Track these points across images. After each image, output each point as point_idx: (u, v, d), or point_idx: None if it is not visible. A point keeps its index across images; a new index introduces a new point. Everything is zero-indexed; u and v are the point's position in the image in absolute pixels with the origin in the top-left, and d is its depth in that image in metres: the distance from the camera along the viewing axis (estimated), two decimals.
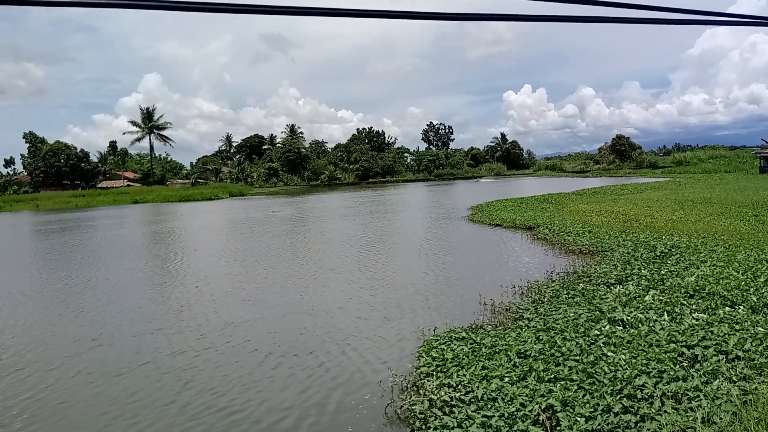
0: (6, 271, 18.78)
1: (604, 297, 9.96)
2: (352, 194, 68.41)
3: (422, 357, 7.80)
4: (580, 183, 65.25)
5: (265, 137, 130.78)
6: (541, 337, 7.89)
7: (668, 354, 6.66)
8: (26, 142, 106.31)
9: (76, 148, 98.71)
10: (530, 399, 5.91)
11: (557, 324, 8.53)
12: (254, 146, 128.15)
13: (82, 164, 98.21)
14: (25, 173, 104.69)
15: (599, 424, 5.24)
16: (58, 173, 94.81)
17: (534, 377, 6.47)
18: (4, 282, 16.59)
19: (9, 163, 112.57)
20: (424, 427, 5.86)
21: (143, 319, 11.51)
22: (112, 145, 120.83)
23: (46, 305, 13.17)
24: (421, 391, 6.75)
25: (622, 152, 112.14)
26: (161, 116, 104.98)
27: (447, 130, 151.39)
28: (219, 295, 13.39)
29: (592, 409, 5.52)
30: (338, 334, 9.89)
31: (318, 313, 11.35)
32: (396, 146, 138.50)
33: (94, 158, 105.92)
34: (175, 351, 9.29)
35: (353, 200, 54.11)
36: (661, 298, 9.41)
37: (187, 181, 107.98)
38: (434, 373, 7.14)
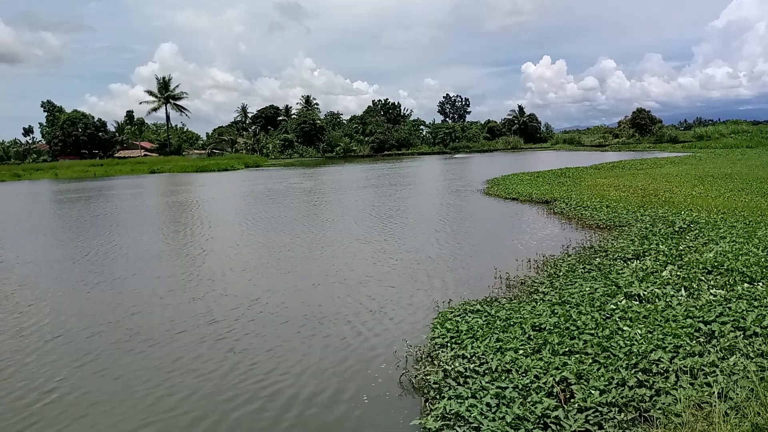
0: (39, 239, 19.12)
1: (620, 272, 9.91)
2: (368, 166, 68.26)
3: (437, 329, 7.85)
4: (598, 157, 64.42)
5: (281, 108, 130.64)
6: (556, 311, 7.89)
7: (685, 329, 6.63)
8: (44, 111, 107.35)
9: (93, 118, 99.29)
10: (544, 371, 5.95)
11: (573, 298, 8.52)
12: (269, 117, 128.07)
13: (100, 134, 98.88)
14: (44, 142, 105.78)
15: (613, 397, 5.26)
16: (76, 142, 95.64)
17: (548, 350, 6.49)
18: (39, 249, 16.91)
19: (28, 131, 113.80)
20: (438, 396, 5.92)
21: (177, 288, 11.66)
22: (129, 114, 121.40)
23: (82, 273, 13.38)
24: (435, 362, 6.81)
25: (642, 126, 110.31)
26: (177, 86, 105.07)
27: (464, 103, 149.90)
28: (250, 265, 13.56)
29: (607, 383, 5.53)
30: (352, 305, 9.98)
31: (334, 284, 11.45)
32: (411, 118, 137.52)
33: (111, 128, 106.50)
34: (211, 320, 9.40)
35: (369, 173, 54.03)
36: (678, 273, 9.34)
37: (203, 151, 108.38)
38: (449, 344, 7.19)
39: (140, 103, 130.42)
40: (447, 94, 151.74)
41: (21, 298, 11.23)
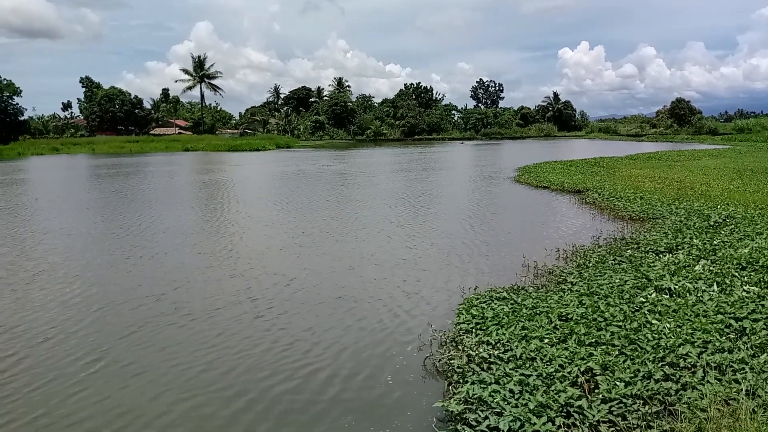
0: (82, 213, 19.73)
1: (652, 265, 9.77)
2: (398, 150, 68.22)
3: (462, 314, 7.89)
4: (634, 147, 63.10)
5: (313, 90, 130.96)
6: (583, 302, 7.85)
7: (715, 325, 6.54)
8: (82, 87, 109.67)
9: (130, 95, 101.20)
10: (569, 361, 5.94)
11: (601, 289, 8.45)
12: (301, 98, 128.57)
13: (136, 110, 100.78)
14: (82, 117, 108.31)
15: (638, 390, 5.24)
16: (113, 118, 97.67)
17: (574, 340, 6.48)
18: (82, 223, 17.49)
19: (66, 106, 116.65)
20: (461, 381, 5.98)
21: (217, 264, 11.91)
22: (165, 92, 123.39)
23: (125, 247, 13.76)
24: (459, 347, 6.86)
25: (680, 116, 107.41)
26: (212, 65, 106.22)
27: (497, 88, 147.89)
28: (286, 244, 13.82)
29: (632, 375, 5.51)
30: (383, 288, 10.08)
31: (361, 266, 11.56)
32: (443, 103, 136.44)
33: (147, 105, 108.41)
34: (250, 297, 9.60)
35: (399, 157, 54.03)
36: (711, 268, 9.16)
37: (235, 131, 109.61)
38: (473, 330, 7.23)
39: (176, 81, 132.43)
40: (480, 79, 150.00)
41: (68, 269, 11.63)
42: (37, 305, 9.24)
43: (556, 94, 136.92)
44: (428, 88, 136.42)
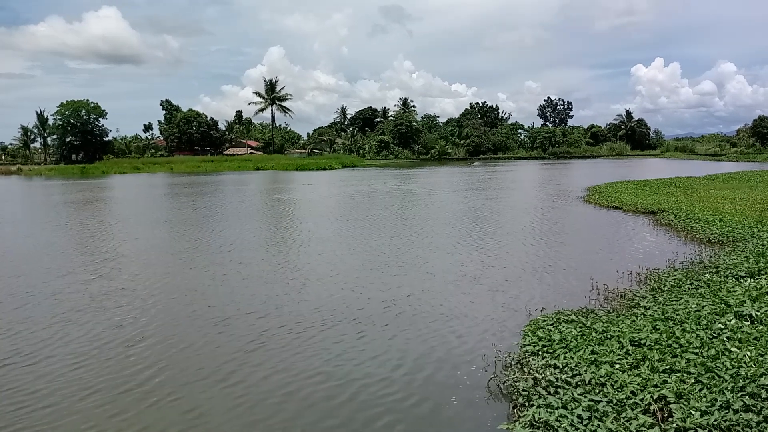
0: (173, 228, 20.89)
1: (731, 290, 9.27)
2: (463, 170, 67.92)
3: (528, 336, 7.77)
4: (713, 167, 60.05)
5: (378, 110, 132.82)
6: (658, 327, 7.55)
7: None
8: (163, 109, 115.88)
9: (206, 117, 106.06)
10: (642, 388, 5.74)
11: (677, 314, 8.11)
12: (367, 119, 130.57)
13: (212, 132, 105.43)
14: (161, 138, 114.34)
15: (715, 420, 4.99)
16: (190, 139, 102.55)
17: (647, 366, 6.25)
18: (175, 235, 18.51)
19: (148, 128, 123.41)
20: (527, 404, 5.89)
21: (298, 285, 12.19)
22: (238, 114, 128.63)
23: (213, 261, 14.54)
24: (525, 369, 6.76)
25: (763, 135, 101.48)
26: (283, 88, 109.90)
27: (566, 106, 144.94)
28: (362, 261, 14.15)
29: (709, 404, 5.26)
30: (445, 304, 10.07)
31: (428, 283, 11.59)
32: (510, 122, 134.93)
33: (221, 126, 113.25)
34: (319, 312, 9.92)
35: (466, 176, 53.85)
36: None
37: (303, 150, 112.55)
38: (540, 352, 7.10)
39: (248, 103, 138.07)
40: (548, 97, 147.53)
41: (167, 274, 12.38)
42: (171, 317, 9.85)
43: (628, 112, 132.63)
44: (494, 107, 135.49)
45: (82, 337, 8.69)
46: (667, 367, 6.19)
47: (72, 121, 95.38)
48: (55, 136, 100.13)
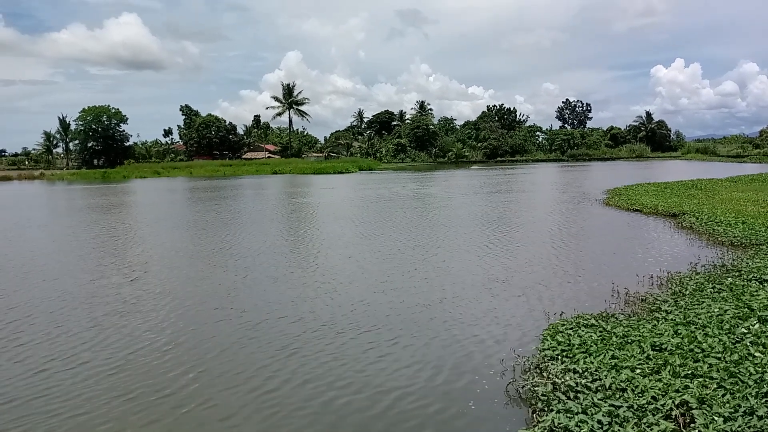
0: (202, 232, 21.15)
1: (755, 294, 9.11)
2: (480, 173, 67.67)
3: (547, 340, 7.71)
4: (735, 169, 59.07)
5: (395, 113, 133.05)
6: (679, 331, 7.45)
7: None
8: (182, 114, 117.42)
9: (225, 121, 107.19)
10: (663, 393, 5.67)
11: (699, 319, 7.99)
12: (384, 122, 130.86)
13: (230, 136, 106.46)
14: (181, 143, 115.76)
15: (739, 426, 4.91)
16: (209, 144, 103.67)
17: (669, 371, 6.17)
18: (211, 241, 18.75)
19: (167, 133, 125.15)
20: (546, 409, 5.85)
21: (326, 287, 12.19)
22: (256, 119, 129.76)
23: (239, 263, 14.68)
24: (544, 374, 6.71)
25: None
26: (300, 92, 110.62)
27: (584, 108, 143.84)
28: (378, 260, 14.16)
29: (733, 410, 5.17)
30: (462, 309, 10.03)
31: (445, 287, 11.56)
32: (527, 124, 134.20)
33: (240, 131, 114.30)
34: (333, 313, 9.98)
35: (484, 179, 53.64)
36: None
37: (320, 154, 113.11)
38: (559, 357, 7.05)
39: (266, 108, 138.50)
40: (567, 99, 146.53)
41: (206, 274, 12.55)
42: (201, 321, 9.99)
43: (648, 114, 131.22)
44: (511, 109, 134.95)
45: (117, 342, 8.74)
46: (689, 372, 6.10)
47: (94, 126, 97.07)
48: (77, 142, 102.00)
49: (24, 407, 6.57)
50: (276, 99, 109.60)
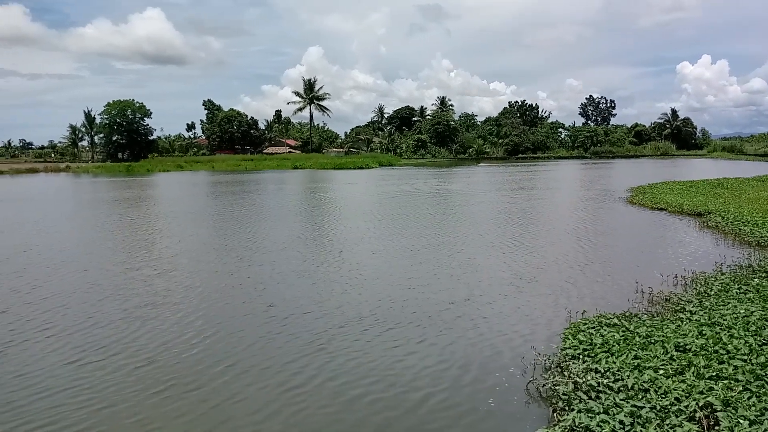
0: (227, 226, 21.42)
1: None
2: (501, 169, 67.23)
3: (568, 339, 7.66)
4: (763, 168, 57.72)
5: (416, 109, 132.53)
6: (704, 332, 7.35)
7: None
8: (205, 109, 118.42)
9: (246, 116, 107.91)
10: (687, 395, 5.60)
11: (724, 320, 7.87)
12: (404, 118, 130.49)
13: (252, 131, 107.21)
14: (204, 137, 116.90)
15: (765, 430, 4.83)
16: (231, 138, 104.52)
17: (693, 373, 6.09)
18: (237, 235, 18.98)
19: (190, 127, 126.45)
20: (567, 408, 5.81)
21: (354, 283, 12.40)
22: (277, 114, 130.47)
23: (268, 258, 14.84)
24: (565, 373, 6.67)
25: None
26: (321, 87, 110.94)
27: (608, 105, 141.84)
28: (408, 258, 14.19)
29: (759, 413, 5.09)
30: (484, 307, 10.00)
31: (467, 284, 11.55)
32: (550, 121, 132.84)
33: (261, 126, 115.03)
34: (358, 311, 10.05)
35: (506, 175, 53.34)
36: None
37: (341, 149, 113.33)
38: (581, 356, 7.00)
39: (288, 103, 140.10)
40: (590, 96, 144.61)
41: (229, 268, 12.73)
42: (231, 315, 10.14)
43: (674, 111, 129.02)
44: (533, 105, 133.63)
45: (146, 334, 8.84)
46: (714, 374, 6.02)
47: (118, 120, 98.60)
48: (102, 135, 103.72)
49: (54, 398, 6.69)
50: (297, 94, 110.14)
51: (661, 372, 6.20)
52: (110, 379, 7.20)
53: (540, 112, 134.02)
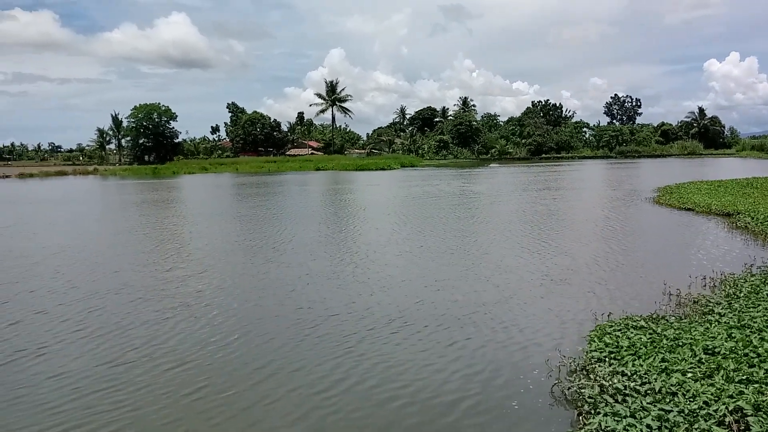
0: (254, 228, 21.71)
1: None
2: (525, 169, 66.71)
3: (594, 341, 7.60)
4: None
5: (438, 110, 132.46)
6: (733, 335, 7.24)
7: None
8: (229, 112, 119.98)
9: (270, 118, 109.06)
10: (716, 398, 5.53)
11: (754, 322, 7.73)
12: (426, 118, 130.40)
13: (275, 133, 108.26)
14: (228, 139, 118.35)
15: None
16: (255, 140, 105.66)
17: (722, 376, 6.01)
18: (264, 236, 19.24)
19: (215, 130, 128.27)
20: (593, 411, 5.78)
21: (389, 284, 12.52)
22: (300, 116, 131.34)
23: (294, 257, 15.04)
24: (591, 376, 6.63)
25: None
26: (343, 89, 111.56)
27: (634, 104, 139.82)
28: (431, 260, 14.24)
29: None
30: (508, 309, 9.98)
31: (494, 285, 11.52)
32: (574, 120, 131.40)
33: (284, 128, 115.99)
34: (384, 311, 10.11)
35: (530, 176, 52.93)
36: None
37: (362, 151, 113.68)
38: (606, 359, 6.95)
39: (310, 105, 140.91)
40: (615, 95, 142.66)
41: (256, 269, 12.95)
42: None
43: (701, 109, 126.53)
44: (557, 105, 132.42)
45: (178, 335, 8.97)
46: (744, 378, 5.93)
47: (145, 123, 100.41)
48: (128, 138, 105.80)
49: (87, 398, 6.82)
50: (319, 96, 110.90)
51: (690, 375, 6.13)
52: (142, 380, 7.30)
53: (564, 112, 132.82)
